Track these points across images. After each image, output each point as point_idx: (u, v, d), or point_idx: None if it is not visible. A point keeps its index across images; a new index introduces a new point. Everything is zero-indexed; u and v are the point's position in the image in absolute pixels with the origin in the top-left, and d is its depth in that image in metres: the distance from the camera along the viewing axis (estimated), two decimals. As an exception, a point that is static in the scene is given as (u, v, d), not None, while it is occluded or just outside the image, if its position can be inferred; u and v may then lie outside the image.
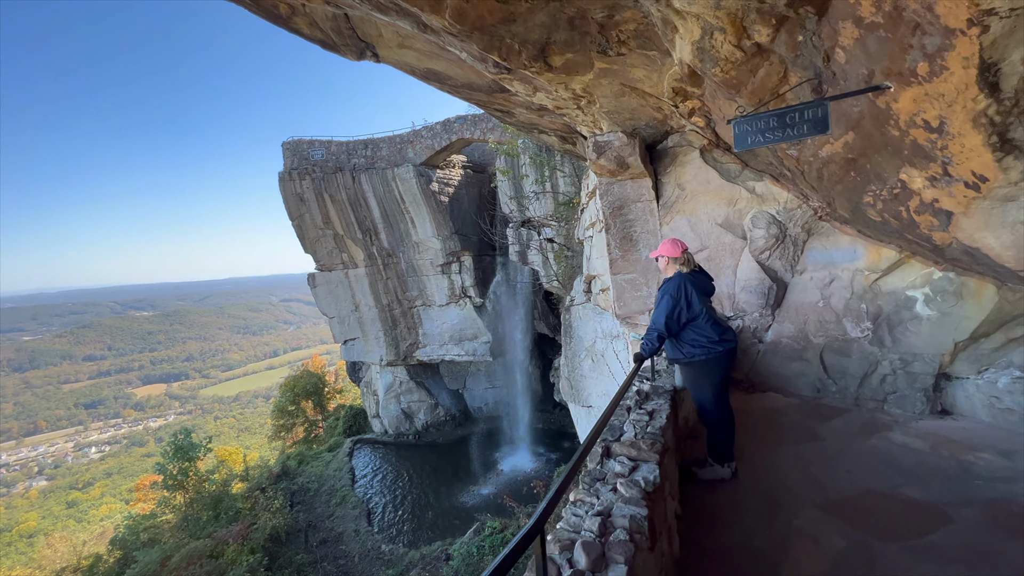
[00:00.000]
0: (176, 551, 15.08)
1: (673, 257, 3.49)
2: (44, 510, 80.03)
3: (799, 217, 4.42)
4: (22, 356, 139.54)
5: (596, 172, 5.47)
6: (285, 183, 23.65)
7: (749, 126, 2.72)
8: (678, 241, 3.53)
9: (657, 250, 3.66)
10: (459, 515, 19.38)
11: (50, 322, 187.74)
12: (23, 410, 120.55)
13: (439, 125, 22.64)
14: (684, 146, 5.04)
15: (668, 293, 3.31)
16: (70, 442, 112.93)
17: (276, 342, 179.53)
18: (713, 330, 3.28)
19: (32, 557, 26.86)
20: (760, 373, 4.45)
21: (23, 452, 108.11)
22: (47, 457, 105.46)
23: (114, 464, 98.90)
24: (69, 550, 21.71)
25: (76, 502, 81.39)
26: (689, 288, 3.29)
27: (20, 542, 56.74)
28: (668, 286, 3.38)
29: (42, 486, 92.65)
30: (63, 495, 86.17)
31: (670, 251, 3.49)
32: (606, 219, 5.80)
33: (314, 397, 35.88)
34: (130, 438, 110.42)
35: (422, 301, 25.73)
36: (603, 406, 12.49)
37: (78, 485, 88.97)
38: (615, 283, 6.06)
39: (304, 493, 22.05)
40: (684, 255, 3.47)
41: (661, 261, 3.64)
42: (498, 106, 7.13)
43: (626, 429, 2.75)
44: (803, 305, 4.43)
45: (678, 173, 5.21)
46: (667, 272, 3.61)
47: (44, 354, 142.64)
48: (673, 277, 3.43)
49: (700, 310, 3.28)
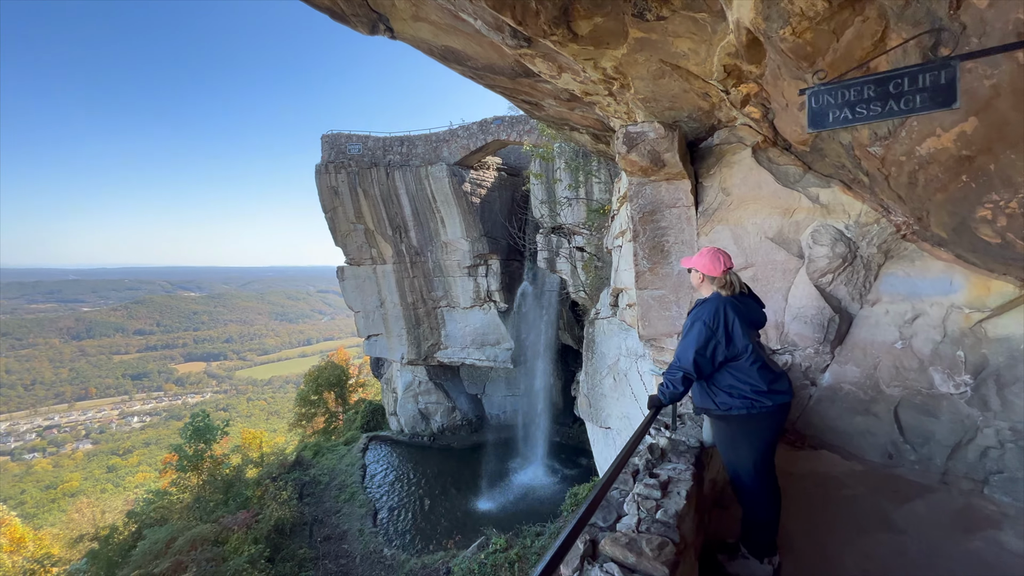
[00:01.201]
0: (182, 533, 15.11)
1: (710, 276, 2.74)
2: (87, 472, 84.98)
3: (875, 234, 3.55)
4: (80, 326, 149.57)
5: (626, 169, 4.74)
6: (321, 175, 23.86)
7: (832, 97, 1.96)
8: (721, 254, 2.76)
9: (692, 259, 2.89)
10: (465, 525, 18.74)
11: (108, 296, 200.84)
12: (77, 376, 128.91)
13: (475, 125, 22.29)
14: (733, 143, 4.24)
15: (701, 319, 2.56)
16: (115, 410, 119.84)
17: (310, 331, 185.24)
18: (760, 376, 2.49)
19: (72, 517, 28.02)
20: (812, 424, 3.58)
21: (73, 415, 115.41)
22: (94, 422, 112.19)
23: (153, 435, 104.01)
24: (97, 516, 22.44)
25: (115, 467, 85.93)
26: (730, 315, 2.53)
27: (63, 499, 60.08)
28: (702, 310, 2.63)
29: (87, 449, 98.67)
30: (105, 459, 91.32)
31: (708, 267, 2.73)
32: (634, 225, 5.05)
33: (336, 389, 36.21)
34: (169, 411, 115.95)
35: (446, 302, 25.37)
36: (622, 429, 11.56)
37: (119, 451, 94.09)
38: (641, 299, 5.29)
39: (315, 485, 21.97)
40: (726, 275, 2.71)
41: (694, 276, 2.86)
42: (525, 96, 6.50)
43: (627, 509, 2.01)
44: (874, 344, 3.55)
45: (723, 175, 4.40)
46: (701, 290, 2.86)
47: (100, 325, 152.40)
48: (710, 298, 2.70)
49: (744, 347, 2.51)
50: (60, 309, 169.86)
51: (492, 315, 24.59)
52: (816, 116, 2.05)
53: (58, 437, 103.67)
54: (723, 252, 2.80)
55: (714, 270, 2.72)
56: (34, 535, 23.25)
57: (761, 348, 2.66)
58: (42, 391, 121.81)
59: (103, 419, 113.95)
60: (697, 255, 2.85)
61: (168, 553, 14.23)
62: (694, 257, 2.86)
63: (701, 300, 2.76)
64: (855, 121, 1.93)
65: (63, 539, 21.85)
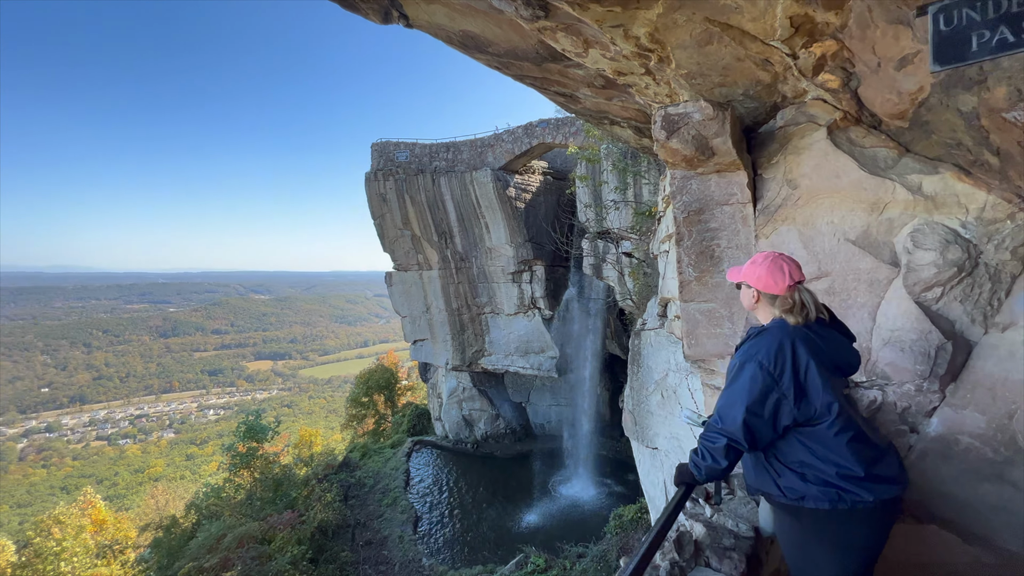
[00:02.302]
0: (232, 529, 15.65)
1: (770, 294, 2.00)
2: (169, 459, 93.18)
3: (1008, 235, 2.64)
4: (167, 324, 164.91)
5: (667, 160, 4.02)
6: (370, 183, 24.42)
7: (977, 9, 1.24)
8: (785, 261, 2.01)
9: (742, 270, 2.14)
10: (505, 539, 18.18)
11: (190, 298, 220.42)
12: (163, 370, 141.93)
13: (520, 129, 21.91)
14: (802, 123, 3.42)
15: (756, 360, 1.82)
16: (194, 403, 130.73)
17: (367, 333, 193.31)
18: (853, 453, 1.72)
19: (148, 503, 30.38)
20: (914, 486, 2.69)
21: (159, 406, 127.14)
22: (176, 413, 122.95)
23: (225, 427, 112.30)
24: (161, 504, 24.10)
25: (193, 456, 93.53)
26: (802, 356, 1.79)
27: (148, 483, 65.74)
28: (757, 345, 1.88)
29: (170, 438, 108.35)
30: (184, 448, 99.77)
31: (766, 280, 1.99)
32: (678, 227, 4.31)
33: (386, 392, 36.98)
34: (240, 406, 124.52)
35: (491, 308, 25.07)
36: (670, 450, 10.59)
37: (196, 441, 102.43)
38: (686, 313, 4.53)
39: (360, 488, 22.29)
40: (794, 293, 1.95)
41: (746, 294, 2.13)
42: (557, 86, 5.91)
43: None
44: (1007, 384, 2.62)
45: (789, 164, 3.58)
46: (758, 315, 2.13)
47: (183, 324, 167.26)
48: (770, 328, 1.95)
49: (826, 405, 1.76)
50: (150, 310, 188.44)
51: (536, 322, 23.98)
52: (947, 46, 1.34)
53: (146, 425, 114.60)
54: (788, 259, 2.04)
55: (774, 285, 1.95)
56: (115, 518, 25.31)
57: (854, 408, 1.89)
58: (134, 383, 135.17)
59: (184, 411, 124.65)
60: (748, 264, 2.10)
61: (218, 549, 14.74)
62: (744, 266, 2.11)
63: (757, 329, 2.02)
64: (1013, 49, 1.20)
65: (139, 523, 23.61)
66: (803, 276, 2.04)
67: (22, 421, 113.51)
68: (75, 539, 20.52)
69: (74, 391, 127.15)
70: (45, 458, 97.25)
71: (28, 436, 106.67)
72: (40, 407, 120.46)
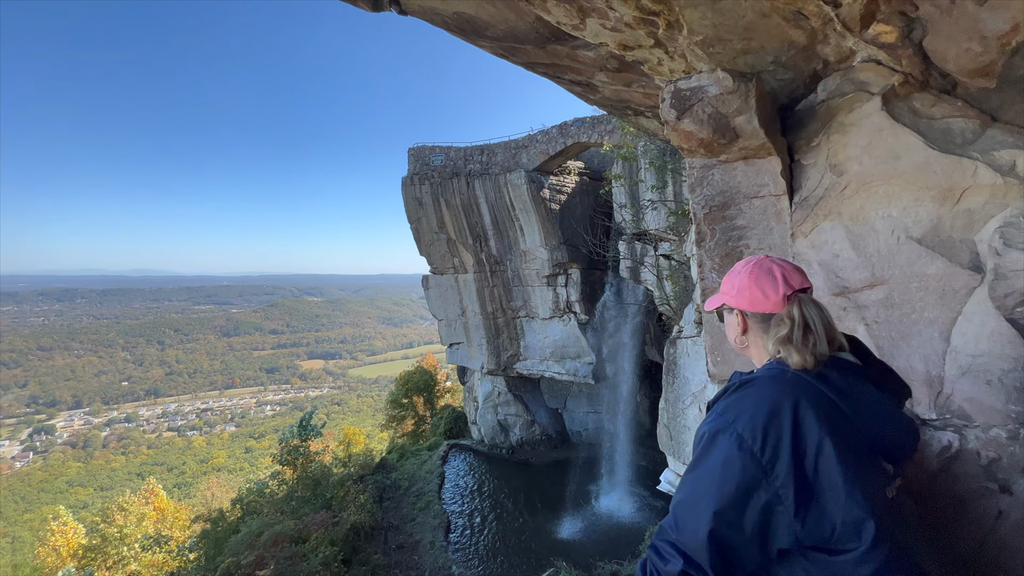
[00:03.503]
0: (270, 527, 16.06)
1: (759, 314, 1.46)
2: (230, 451, 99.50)
3: None
4: (229, 324, 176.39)
5: (681, 146, 3.44)
6: (407, 187, 24.66)
7: None
8: (777, 264, 1.48)
9: (720, 291, 1.63)
10: (537, 550, 17.62)
11: (250, 299, 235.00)
12: (225, 367, 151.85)
13: (555, 129, 21.37)
14: (849, 94, 2.75)
15: (732, 430, 1.22)
16: (253, 399, 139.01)
17: (412, 335, 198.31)
18: None
19: (204, 494, 32.21)
20: (1002, 567, 1.94)
21: (223, 401, 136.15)
22: (237, 408, 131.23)
23: (280, 423, 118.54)
24: (208, 498, 25.39)
25: (251, 449, 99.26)
26: (811, 432, 1.16)
27: (212, 473, 70.38)
28: (737, 407, 1.28)
29: (231, 431, 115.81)
30: (244, 441, 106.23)
31: (750, 294, 1.47)
32: (698, 225, 3.70)
33: (425, 393, 37.39)
34: (294, 403, 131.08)
35: (525, 312, 24.63)
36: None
37: (255, 435, 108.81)
38: (709, 325, 3.91)
39: (395, 490, 22.44)
40: (793, 310, 1.37)
41: (730, 324, 1.63)
42: (569, 73, 5.42)
43: None
44: None
45: (834, 145, 2.91)
46: (751, 355, 1.59)
47: (244, 325, 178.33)
48: (758, 378, 1.34)
49: (856, 524, 1.07)
50: (215, 310, 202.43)
51: (572, 327, 23.29)
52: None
53: (211, 419, 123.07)
54: (781, 261, 1.50)
55: (763, 298, 1.42)
56: (174, 507, 26.94)
57: (903, 527, 1.16)
58: (201, 379, 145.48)
59: (244, 406, 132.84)
60: (727, 277, 1.59)
61: (255, 546, 15.14)
62: (722, 284, 1.60)
63: (742, 377, 1.39)
64: None
65: (194, 513, 24.97)
66: (807, 283, 1.45)
67: (106, 412, 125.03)
68: (137, 526, 21.97)
69: (149, 385, 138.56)
70: (124, 446, 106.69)
71: (111, 425, 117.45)
72: (121, 399, 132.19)
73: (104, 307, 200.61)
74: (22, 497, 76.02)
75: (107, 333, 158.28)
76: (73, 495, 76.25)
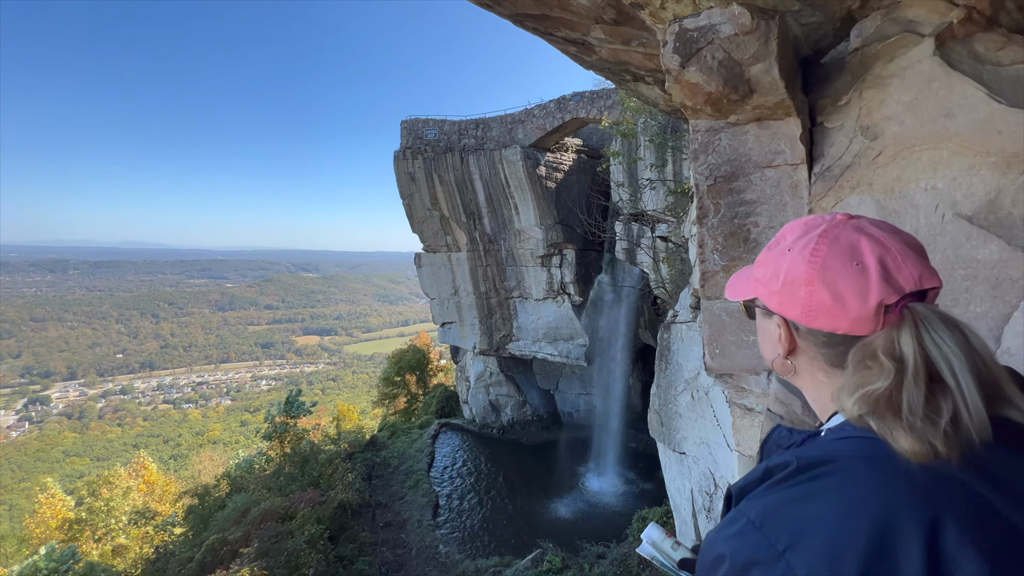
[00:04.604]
0: (257, 504, 15.93)
1: (827, 337, 0.83)
2: (226, 424, 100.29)
3: None
4: (224, 299, 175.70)
5: (685, 104, 2.94)
6: (399, 162, 23.88)
7: None
8: (872, 243, 0.79)
9: (752, 272, 0.97)
10: (525, 531, 17.64)
11: (245, 274, 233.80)
12: (221, 341, 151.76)
13: (553, 103, 20.56)
14: (893, 37, 2.25)
15: (784, 564, 0.63)
16: (248, 373, 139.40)
17: (408, 313, 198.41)
18: None
19: (197, 468, 32.22)
20: None
21: (218, 375, 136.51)
22: (232, 382, 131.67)
23: (276, 397, 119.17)
24: (202, 471, 25.35)
25: (247, 422, 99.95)
26: None
27: (208, 445, 70.82)
28: (792, 525, 0.67)
29: (227, 404, 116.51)
30: (239, 415, 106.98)
31: (815, 298, 0.81)
32: (701, 199, 3.24)
33: (417, 372, 37.25)
34: (289, 378, 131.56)
35: (519, 293, 24.22)
36: (699, 457, 9.47)
37: (250, 409, 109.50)
38: (710, 313, 3.49)
39: (384, 468, 22.39)
40: (906, 348, 0.71)
41: (766, 331, 0.95)
42: (562, 28, 4.85)
43: None
44: None
45: (868, 103, 2.42)
46: (801, 385, 0.95)
47: (238, 299, 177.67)
48: (833, 465, 0.71)
49: None
50: (210, 284, 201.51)
51: (566, 308, 22.93)
52: None
53: (206, 392, 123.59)
54: (875, 230, 0.81)
55: (827, 308, 0.80)
56: (163, 480, 26.91)
57: None
58: (196, 352, 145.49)
59: (239, 380, 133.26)
60: (767, 250, 0.93)
61: (242, 522, 15.01)
62: (758, 261, 0.95)
63: (805, 456, 0.75)
64: None
65: (184, 487, 24.96)
66: (933, 278, 0.80)
67: (100, 383, 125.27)
68: (123, 499, 21.90)
69: (144, 358, 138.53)
70: (120, 417, 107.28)
71: (106, 397, 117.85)
72: (115, 371, 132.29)
73: (97, 279, 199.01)
74: (19, 466, 76.57)
75: (100, 305, 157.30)
76: (69, 464, 76.89)
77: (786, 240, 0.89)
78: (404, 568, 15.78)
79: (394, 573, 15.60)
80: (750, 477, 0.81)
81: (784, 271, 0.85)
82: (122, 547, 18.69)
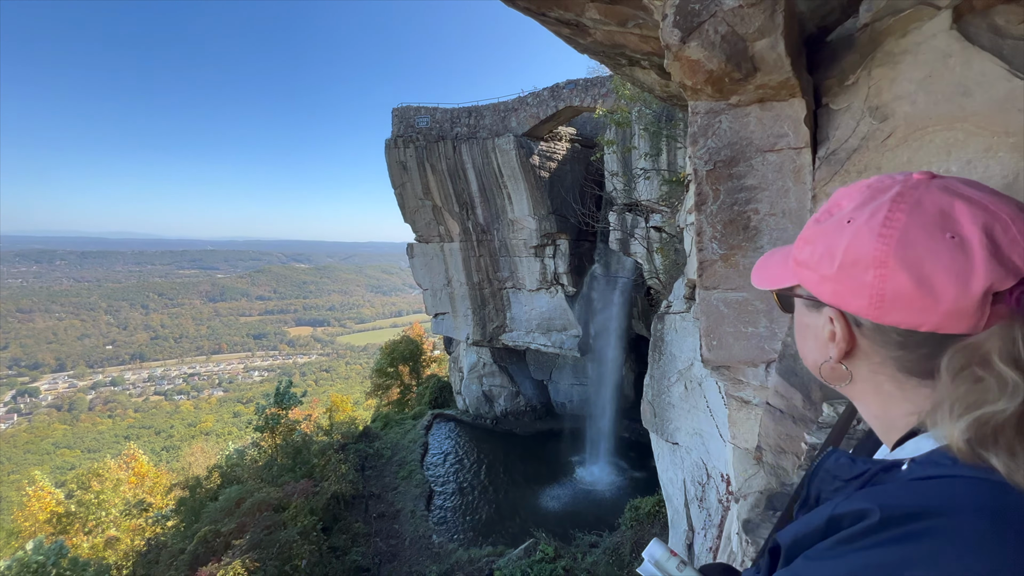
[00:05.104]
0: (251, 495, 15.82)
1: (914, 336, 0.61)
2: (218, 415, 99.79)
3: None
4: (215, 290, 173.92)
5: (685, 84, 2.79)
6: (390, 150, 23.50)
7: None
8: (973, 211, 0.57)
9: (794, 253, 0.75)
10: (518, 521, 17.74)
11: (236, 265, 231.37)
12: (212, 332, 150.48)
13: (546, 91, 20.26)
14: (906, 10, 2.12)
15: None
16: (241, 364, 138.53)
17: (401, 303, 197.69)
18: None
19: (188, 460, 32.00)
20: None
21: (210, 366, 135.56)
22: (225, 373, 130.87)
23: (269, 388, 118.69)
24: (186, 465, 25.19)
25: (239, 414, 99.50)
26: None
27: (200, 437, 70.49)
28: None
29: (219, 396, 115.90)
30: (231, 406, 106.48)
31: (864, 283, 0.62)
32: (699, 185, 3.11)
33: (411, 363, 37.13)
34: (282, 369, 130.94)
35: (512, 283, 24.09)
36: (692, 447, 9.46)
37: (243, 400, 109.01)
38: (707, 304, 3.38)
39: (377, 459, 22.36)
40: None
41: (811, 325, 0.74)
42: (555, 8, 4.67)
43: None
44: None
45: (878, 82, 2.29)
46: (850, 393, 0.74)
47: (230, 290, 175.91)
48: (936, 516, 0.50)
49: None
50: (201, 275, 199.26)
51: (559, 299, 22.86)
52: None
53: (198, 383, 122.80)
54: (972, 193, 0.59)
55: (907, 298, 0.58)
56: (154, 472, 26.70)
57: None
58: (187, 344, 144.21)
59: (231, 371, 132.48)
60: (814, 222, 0.71)
61: (236, 513, 14.91)
62: (802, 236, 0.72)
63: (891, 506, 0.53)
64: None
65: (175, 479, 24.78)
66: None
67: (90, 375, 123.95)
68: (114, 491, 21.69)
69: (134, 349, 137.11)
70: (111, 409, 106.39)
71: (96, 389, 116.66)
72: (105, 362, 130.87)
73: (84, 269, 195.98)
74: (8, 458, 75.84)
75: (89, 296, 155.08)
76: (60, 456, 76.28)
77: (843, 208, 0.68)
78: (397, 558, 15.81)
79: (387, 563, 15.63)
80: (808, 527, 0.62)
81: (842, 249, 0.65)
82: (114, 539, 18.54)
